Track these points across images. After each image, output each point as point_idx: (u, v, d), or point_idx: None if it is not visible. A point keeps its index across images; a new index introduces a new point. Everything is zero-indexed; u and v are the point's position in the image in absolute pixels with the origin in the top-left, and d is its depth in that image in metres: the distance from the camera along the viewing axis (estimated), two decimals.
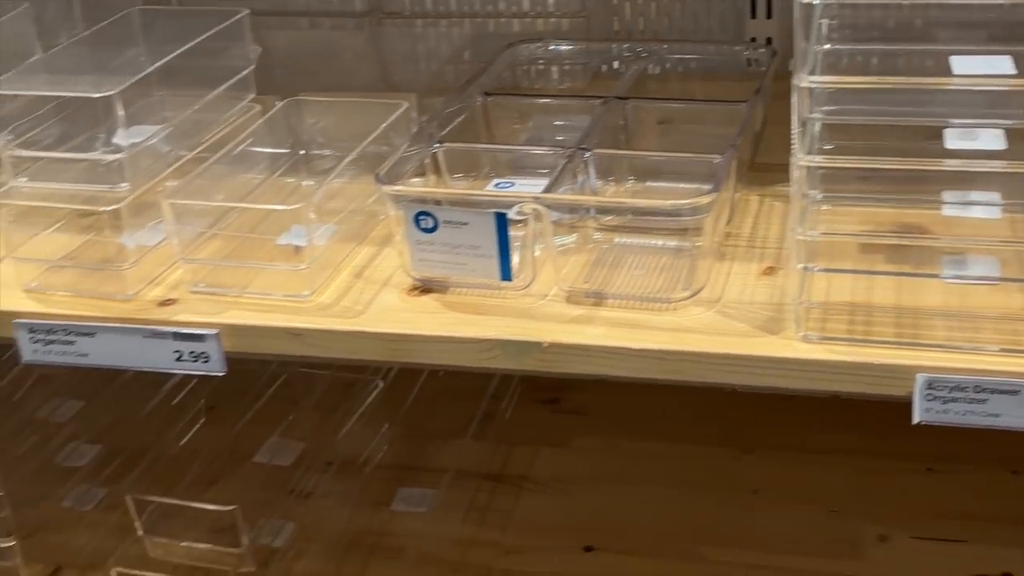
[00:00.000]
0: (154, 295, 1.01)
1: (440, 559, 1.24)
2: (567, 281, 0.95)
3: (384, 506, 1.31)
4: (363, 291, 0.99)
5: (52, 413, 1.35)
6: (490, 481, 1.36)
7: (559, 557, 1.23)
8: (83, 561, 1.27)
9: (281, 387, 1.45)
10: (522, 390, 1.50)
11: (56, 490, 1.33)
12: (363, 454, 1.37)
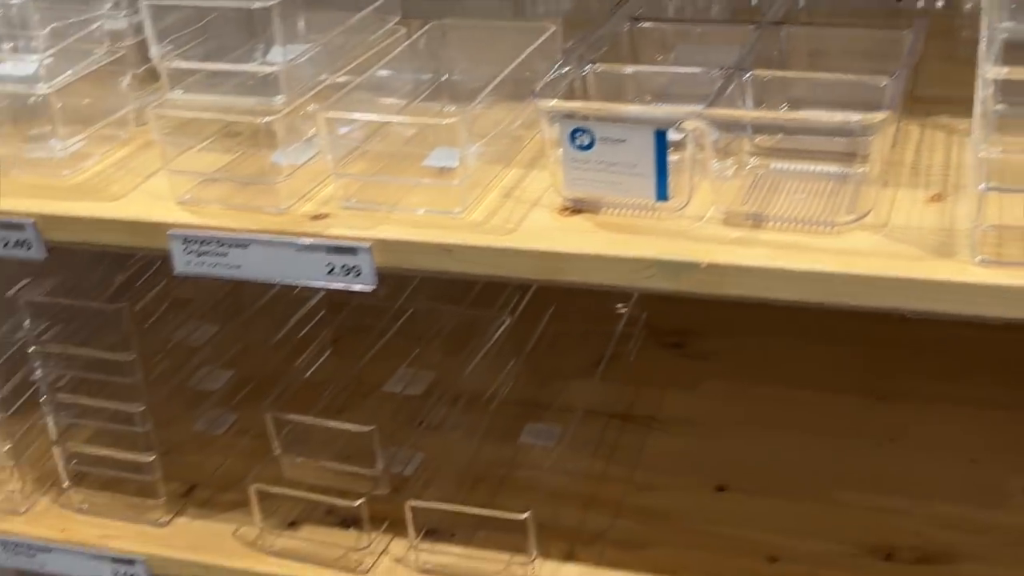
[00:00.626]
0: (306, 210, 1.01)
1: (570, 493, 1.23)
2: (724, 203, 0.93)
3: (511, 440, 1.31)
4: (513, 210, 0.98)
5: (187, 336, 1.37)
6: (617, 420, 1.34)
7: (691, 495, 1.22)
8: (216, 481, 1.29)
9: (407, 323, 1.45)
10: (647, 334, 1.48)
11: (189, 413, 1.35)
12: (489, 390, 1.36)
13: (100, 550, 1.21)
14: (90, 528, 1.24)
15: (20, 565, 1.25)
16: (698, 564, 1.12)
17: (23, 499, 1.27)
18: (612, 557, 1.14)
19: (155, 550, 1.20)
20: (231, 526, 1.23)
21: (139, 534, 1.22)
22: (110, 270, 1.38)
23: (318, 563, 1.16)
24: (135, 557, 1.20)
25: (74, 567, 1.23)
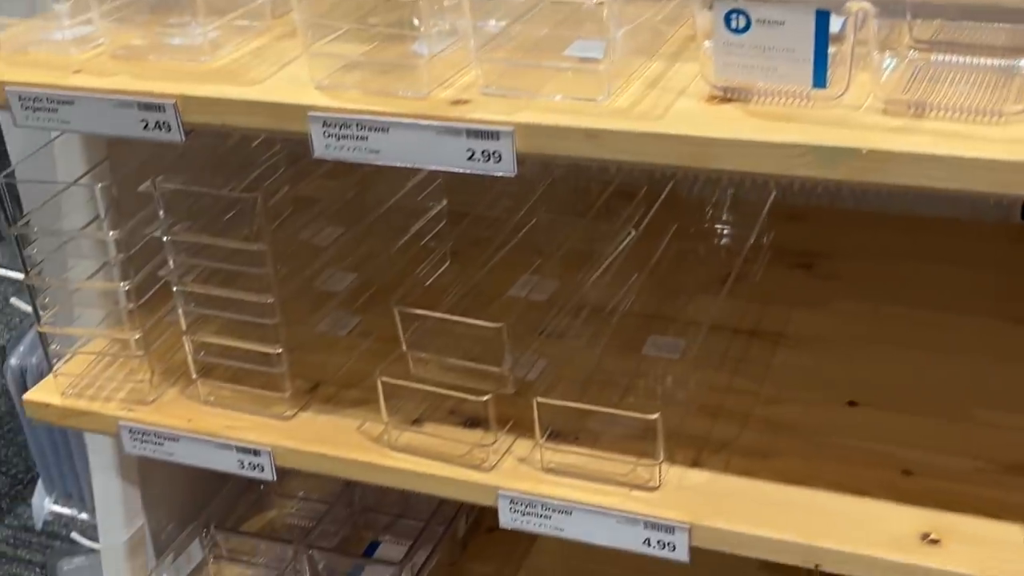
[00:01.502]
0: (446, 95, 1.00)
1: (695, 403, 1.21)
2: (884, 93, 0.90)
3: (634, 352, 1.29)
4: (659, 99, 0.96)
5: (312, 237, 1.38)
6: (743, 336, 1.32)
7: (821, 409, 1.19)
8: (340, 380, 1.29)
9: (528, 234, 1.44)
10: (772, 256, 1.45)
11: (312, 314, 1.36)
12: (612, 302, 1.35)
13: (226, 440, 1.22)
14: (216, 419, 1.25)
15: (148, 453, 1.27)
16: (830, 475, 1.10)
17: (151, 389, 1.28)
18: (739, 465, 1.13)
19: (280, 441, 1.21)
20: (355, 422, 1.23)
21: (264, 426, 1.24)
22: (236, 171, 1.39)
23: (442, 459, 1.16)
24: (260, 448, 1.21)
25: (200, 456, 1.24)
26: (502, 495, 1.13)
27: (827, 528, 1.04)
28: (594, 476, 1.12)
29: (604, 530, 1.10)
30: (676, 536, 1.07)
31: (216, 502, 1.52)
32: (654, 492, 1.10)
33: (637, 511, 1.08)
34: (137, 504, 1.47)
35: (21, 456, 3.08)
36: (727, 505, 1.08)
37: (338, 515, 1.54)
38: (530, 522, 1.13)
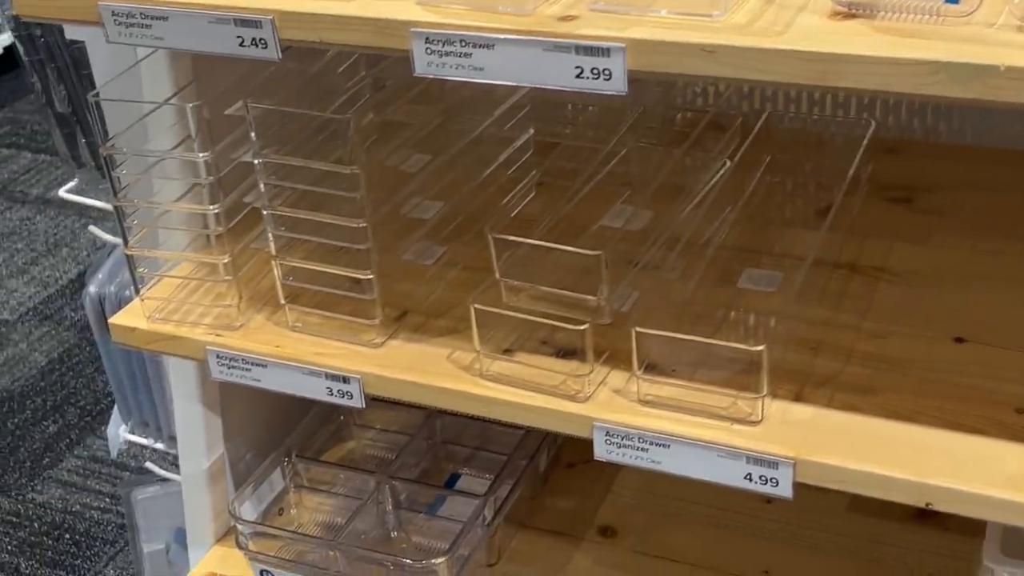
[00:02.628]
0: (552, 11, 0.96)
1: (795, 337, 1.18)
2: (1019, 9, 0.85)
3: (730, 284, 1.26)
4: (779, 15, 0.91)
5: (399, 164, 1.35)
6: (843, 270, 1.28)
7: (927, 345, 1.15)
8: (429, 308, 1.27)
9: (619, 164, 1.41)
10: (871, 189, 1.40)
11: (398, 242, 1.34)
12: (706, 234, 1.31)
13: (315, 367, 1.21)
14: (305, 346, 1.24)
15: (235, 379, 1.26)
16: (938, 411, 1.06)
17: (239, 315, 1.27)
18: (844, 401, 1.09)
19: (370, 369, 1.20)
20: (445, 350, 1.21)
21: (353, 353, 1.22)
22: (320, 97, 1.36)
23: (536, 389, 1.14)
24: (350, 375, 1.20)
25: (288, 383, 1.23)
26: (597, 426, 1.10)
27: (938, 465, 1.00)
28: (693, 409, 1.09)
29: (703, 464, 1.07)
30: (780, 471, 1.04)
31: (295, 433, 1.51)
32: (756, 426, 1.07)
33: (739, 445, 1.05)
34: (218, 433, 1.47)
35: (90, 388, 3.12)
36: (832, 440, 1.05)
37: (418, 447, 1.53)
38: (626, 455, 1.10)
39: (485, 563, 1.42)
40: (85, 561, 2.57)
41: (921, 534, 1.44)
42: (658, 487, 1.55)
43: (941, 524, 1.45)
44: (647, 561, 1.44)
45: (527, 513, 1.51)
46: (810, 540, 1.45)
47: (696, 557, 1.44)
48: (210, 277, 1.28)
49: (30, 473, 2.84)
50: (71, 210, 4.00)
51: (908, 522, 1.46)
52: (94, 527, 2.66)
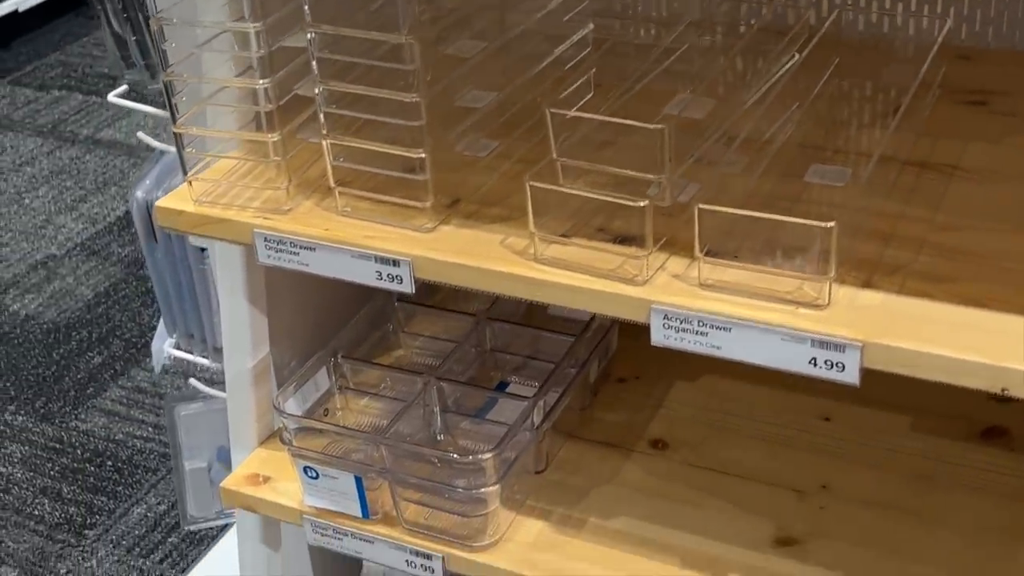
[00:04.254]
0: None
1: (864, 228, 1.13)
2: None
3: (796, 179, 1.21)
4: None
5: (449, 49, 1.31)
6: (914, 167, 1.23)
7: (1002, 237, 1.10)
8: (481, 197, 1.23)
9: (678, 61, 1.36)
10: (943, 92, 1.35)
11: (449, 132, 1.30)
12: (771, 130, 1.26)
13: (365, 249, 1.18)
14: (354, 229, 1.20)
15: (282, 264, 1.23)
16: (1014, 299, 1.01)
17: (287, 199, 1.24)
18: (915, 288, 1.04)
19: (420, 251, 1.16)
20: (498, 236, 1.17)
21: (404, 238, 1.18)
22: None
23: (592, 273, 1.10)
24: (400, 258, 1.16)
25: (337, 266, 1.20)
26: (655, 309, 1.06)
27: (1015, 349, 0.95)
28: (756, 293, 1.05)
29: (765, 349, 1.03)
30: (847, 355, 0.99)
31: (341, 334, 1.48)
32: (823, 310, 1.03)
33: (804, 328, 1.01)
34: (263, 331, 1.44)
35: (136, 322, 3.12)
36: (902, 325, 1.00)
37: (466, 355, 1.49)
38: (684, 339, 1.06)
39: (532, 469, 1.39)
40: (127, 488, 2.56)
41: (985, 453, 1.39)
42: (712, 403, 1.51)
43: (1006, 444, 1.41)
44: (700, 473, 1.40)
45: (576, 424, 1.48)
46: (870, 458, 1.40)
47: (751, 470, 1.39)
48: (259, 158, 1.25)
49: (74, 402, 2.84)
50: (120, 150, 4.01)
51: (972, 441, 1.41)
52: (136, 455, 2.66)
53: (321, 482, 1.34)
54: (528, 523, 1.34)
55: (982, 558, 1.25)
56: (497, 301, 1.53)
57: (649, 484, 1.39)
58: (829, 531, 1.30)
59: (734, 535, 1.30)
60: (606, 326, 1.51)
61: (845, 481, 1.37)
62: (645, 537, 1.31)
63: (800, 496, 1.35)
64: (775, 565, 1.26)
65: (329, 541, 1.37)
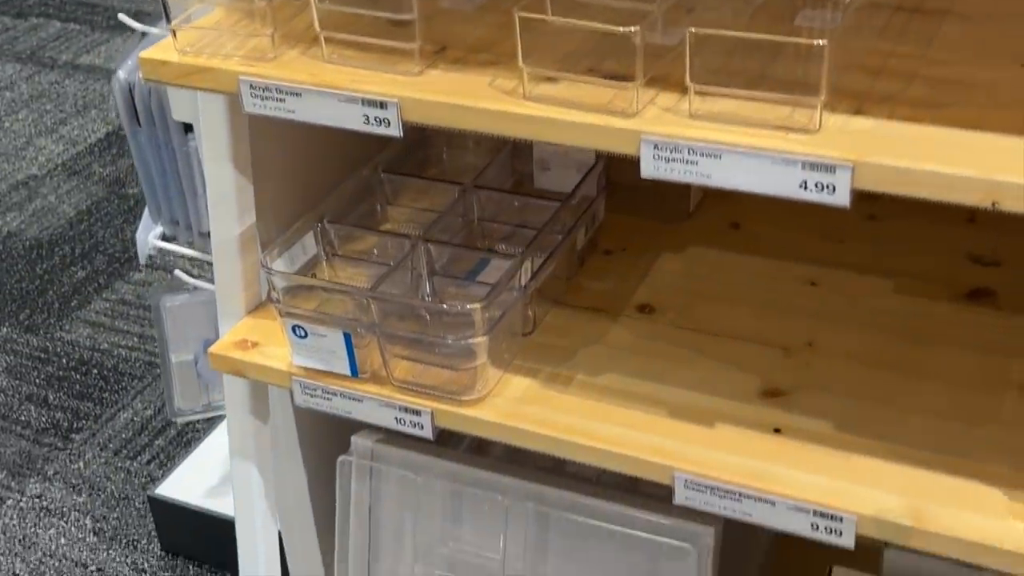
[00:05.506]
0: None
1: (854, 64, 1.12)
2: None
3: (787, 22, 1.20)
4: None
5: None
6: (906, 11, 1.22)
7: (994, 70, 1.09)
8: (468, 46, 1.22)
9: None
10: None
11: None
12: None
13: (351, 93, 1.17)
14: (341, 75, 1.19)
15: (268, 112, 1.22)
16: (1005, 121, 1.01)
17: (273, 47, 1.23)
18: (906, 113, 1.04)
19: (408, 93, 1.15)
20: (486, 78, 1.16)
21: (391, 81, 1.17)
22: None
23: (582, 107, 1.09)
24: (387, 100, 1.15)
25: (324, 112, 1.19)
26: (645, 139, 1.06)
27: (1006, 164, 0.95)
28: (746, 121, 1.04)
29: (756, 174, 1.03)
30: (837, 176, 0.99)
31: (328, 200, 1.47)
32: (813, 135, 1.02)
33: (795, 151, 1.01)
34: (250, 198, 1.43)
35: (119, 238, 3.10)
36: (893, 146, 1.00)
37: (453, 223, 1.49)
38: (674, 169, 1.06)
39: (520, 331, 1.39)
40: (113, 394, 2.56)
41: (971, 312, 1.40)
42: (699, 271, 1.52)
43: (992, 304, 1.41)
44: (687, 335, 1.40)
45: (563, 292, 1.48)
46: (856, 318, 1.41)
47: (738, 330, 1.40)
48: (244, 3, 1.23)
49: (59, 314, 2.83)
50: (100, 75, 3.97)
51: (957, 303, 1.42)
52: (122, 363, 2.66)
53: (309, 341, 1.34)
54: (516, 380, 1.34)
55: (968, 405, 1.26)
56: (485, 171, 1.53)
57: (636, 345, 1.39)
58: (816, 383, 1.31)
59: (721, 388, 1.31)
60: (592, 195, 1.51)
61: (831, 339, 1.37)
62: (633, 392, 1.31)
63: (786, 353, 1.36)
64: (762, 414, 1.27)
65: (318, 402, 1.37)
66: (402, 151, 1.58)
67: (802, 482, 1.17)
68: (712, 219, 1.61)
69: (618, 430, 1.26)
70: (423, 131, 1.61)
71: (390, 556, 1.58)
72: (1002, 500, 1.13)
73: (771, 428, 1.25)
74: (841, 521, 1.14)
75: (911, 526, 1.12)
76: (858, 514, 1.14)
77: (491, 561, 1.51)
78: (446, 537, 1.53)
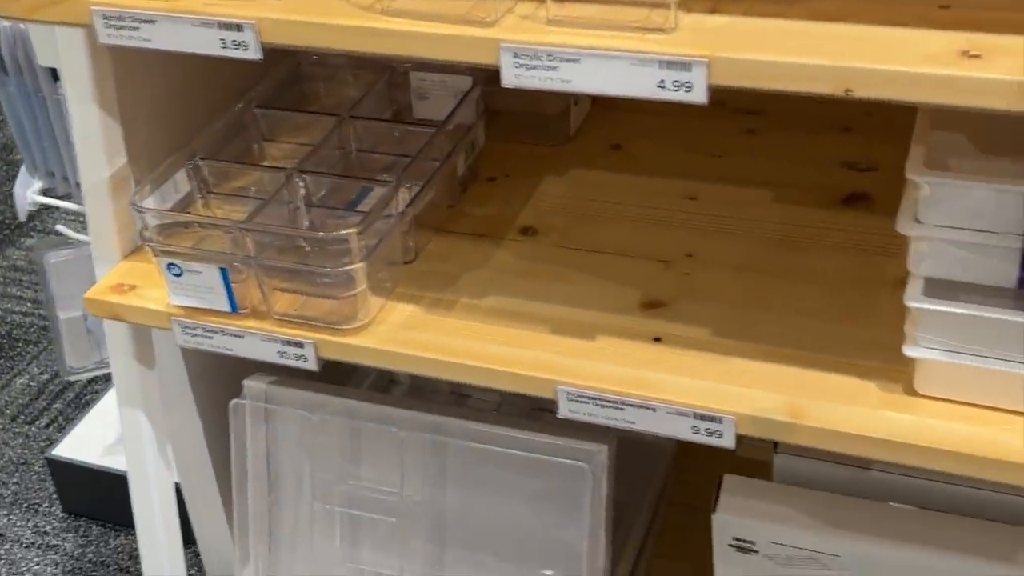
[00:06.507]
0: None
1: None
2: None
3: None
4: None
5: None
6: None
7: None
8: None
9: None
10: None
11: None
12: None
13: (206, 17, 1.14)
14: (195, 2, 1.16)
15: (123, 42, 1.18)
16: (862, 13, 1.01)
17: None
18: (761, 9, 1.04)
19: (265, 14, 1.13)
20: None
21: (247, 3, 1.14)
22: None
23: (440, 20, 1.08)
24: (243, 22, 1.13)
25: (180, 39, 1.16)
26: (504, 48, 1.05)
27: (859, 51, 0.96)
28: (604, 25, 1.04)
29: (614, 77, 1.02)
30: (693, 73, 0.99)
31: (199, 139, 1.44)
32: (669, 34, 1.02)
33: (651, 50, 1.00)
34: (118, 139, 1.39)
35: (7, 203, 3.02)
36: (749, 41, 1.00)
37: (331, 156, 1.47)
38: (535, 76, 1.05)
39: (400, 260, 1.38)
40: (8, 360, 2.51)
41: (847, 216, 1.42)
42: (581, 192, 1.52)
43: (867, 207, 1.43)
44: (569, 254, 1.40)
45: (445, 220, 1.47)
46: (735, 228, 1.42)
47: (619, 247, 1.40)
48: None
49: None
50: None
51: (834, 208, 1.44)
52: (16, 329, 2.60)
53: (185, 279, 1.32)
54: (398, 307, 1.33)
55: (844, 305, 1.28)
56: (361, 102, 1.51)
57: (519, 266, 1.39)
58: (695, 293, 1.32)
59: (602, 303, 1.31)
60: (470, 122, 1.49)
61: (710, 250, 1.38)
62: (516, 311, 1.31)
63: (666, 265, 1.37)
64: (643, 325, 1.28)
65: (200, 341, 1.35)
66: (278, 87, 1.56)
67: (682, 387, 1.18)
68: (593, 141, 1.61)
69: (501, 349, 1.26)
70: (299, 65, 1.60)
71: (291, 498, 1.57)
72: (876, 392, 1.15)
73: (651, 338, 1.26)
74: (720, 422, 1.15)
75: (788, 422, 1.13)
76: (737, 414, 1.15)
77: (390, 495, 1.51)
78: (345, 475, 1.53)
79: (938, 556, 1.23)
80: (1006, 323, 1.04)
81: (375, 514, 1.52)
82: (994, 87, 0.89)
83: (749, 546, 1.33)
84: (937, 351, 1.09)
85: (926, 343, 1.09)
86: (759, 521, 1.30)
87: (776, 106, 1.63)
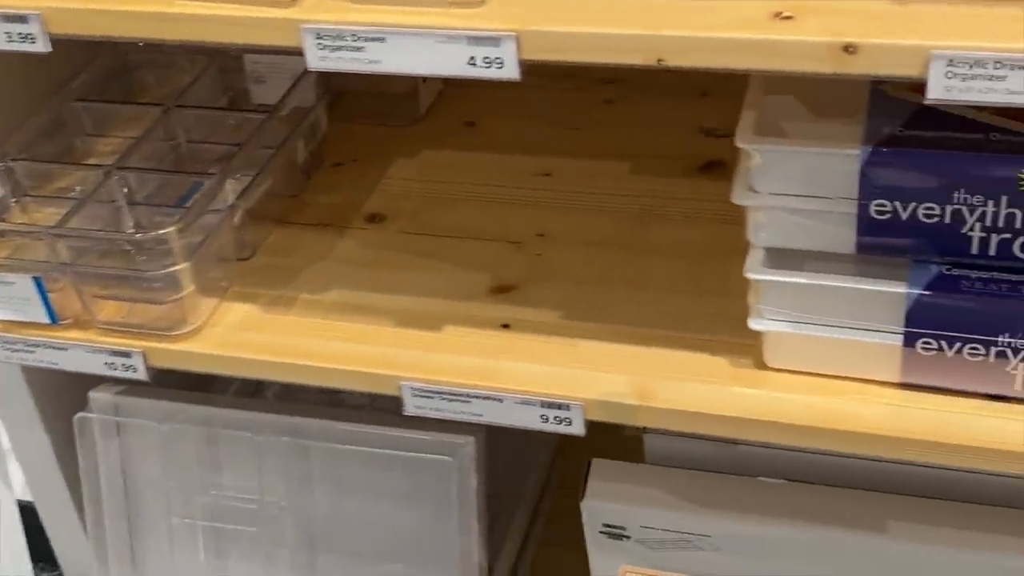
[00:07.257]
0: None
1: None
2: None
3: None
4: None
5: None
6: None
7: None
8: None
9: None
10: None
11: None
12: None
13: None
14: None
15: None
16: None
17: None
18: None
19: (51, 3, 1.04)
20: None
21: None
22: None
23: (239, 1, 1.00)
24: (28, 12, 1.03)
25: None
26: (306, 30, 0.97)
27: (672, 20, 0.90)
28: (409, 1, 0.97)
29: (423, 56, 0.95)
30: (502, 48, 0.93)
31: (12, 140, 1.34)
32: (478, 8, 0.96)
33: (459, 26, 0.94)
34: None
35: None
36: (559, 13, 0.93)
37: (159, 149, 1.38)
38: (340, 58, 0.98)
39: (234, 256, 1.30)
40: None
41: (702, 186, 1.37)
42: (431, 174, 1.45)
43: (722, 175, 1.39)
44: (417, 240, 1.34)
45: (287, 210, 1.39)
46: (589, 204, 1.37)
47: (470, 230, 1.34)
48: None
49: None
50: None
51: (692, 176, 1.39)
52: None
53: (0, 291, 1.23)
54: (233, 308, 1.26)
55: (696, 278, 1.23)
56: (188, 90, 1.42)
57: (365, 256, 1.32)
58: (546, 274, 1.26)
59: (450, 290, 1.25)
60: (309, 105, 1.42)
61: (563, 228, 1.33)
62: (359, 304, 1.25)
63: (517, 247, 1.31)
64: (491, 312, 1.22)
65: (22, 356, 1.27)
66: (104, 78, 1.47)
67: (529, 375, 1.13)
68: (446, 119, 1.55)
69: (342, 346, 1.20)
70: (125, 54, 1.51)
71: (150, 513, 1.49)
72: (726, 368, 1.11)
73: (499, 325, 1.20)
74: (568, 409, 1.10)
75: (636, 404, 1.09)
76: (584, 400, 1.10)
77: (251, 502, 1.44)
78: (206, 485, 1.46)
79: (807, 529, 1.20)
80: (848, 291, 1.00)
81: (238, 524, 1.45)
82: (804, 49, 0.84)
83: (620, 531, 1.28)
84: (783, 323, 1.05)
85: (770, 315, 1.05)
86: (628, 505, 1.25)
87: (634, 74, 1.57)
